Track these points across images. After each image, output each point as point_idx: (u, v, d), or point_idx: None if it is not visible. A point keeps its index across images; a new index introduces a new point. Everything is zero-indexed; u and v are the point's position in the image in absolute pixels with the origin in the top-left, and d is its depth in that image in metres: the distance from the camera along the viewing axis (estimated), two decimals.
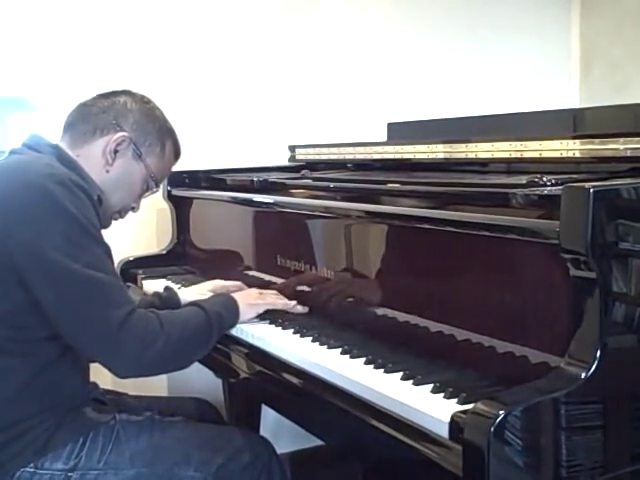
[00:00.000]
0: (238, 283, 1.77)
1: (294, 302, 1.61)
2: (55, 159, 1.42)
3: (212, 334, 1.45)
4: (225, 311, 1.50)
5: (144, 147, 1.52)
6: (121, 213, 1.58)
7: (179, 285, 1.96)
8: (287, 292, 1.67)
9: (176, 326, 1.38)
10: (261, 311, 1.58)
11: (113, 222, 1.58)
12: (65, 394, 1.39)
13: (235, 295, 1.59)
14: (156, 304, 1.65)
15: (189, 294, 1.73)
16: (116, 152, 1.49)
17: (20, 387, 1.34)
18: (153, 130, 1.54)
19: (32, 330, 1.34)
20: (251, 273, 1.88)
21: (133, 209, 1.61)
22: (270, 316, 1.58)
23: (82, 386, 1.47)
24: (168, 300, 1.69)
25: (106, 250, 1.36)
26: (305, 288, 1.65)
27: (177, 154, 1.63)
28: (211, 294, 1.68)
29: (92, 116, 1.50)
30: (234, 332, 1.55)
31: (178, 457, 1.42)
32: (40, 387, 1.36)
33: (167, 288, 1.76)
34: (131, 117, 1.51)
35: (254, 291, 1.65)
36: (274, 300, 1.61)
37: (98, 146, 1.48)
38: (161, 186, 2.17)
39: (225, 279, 1.86)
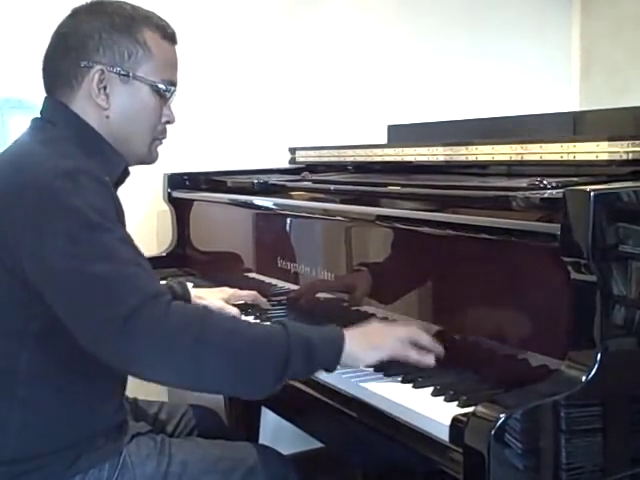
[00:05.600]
0: (253, 293, 1.70)
1: (428, 352, 1.22)
2: (75, 134, 1.26)
3: (290, 359, 1.13)
4: (320, 341, 1.17)
5: (126, 63, 1.27)
6: (159, 138, 1.36)
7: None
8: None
9: (222, 328, 1.13)
10: (385, 358, 1.21)
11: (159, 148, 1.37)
12: (94, 427, 1.27)
13: (349, 331, 1.21)
14: None
15: (201, 298, 1.64)
16: (104, 89, 1.26)
17: (51, 419, 1.23)
18: (120, 35, 1.27)
19: (61, 352, 1.20)
20: (251, 275, 1.88)
21: (168, 123, 1.36)
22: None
23: (111, 417, 1.32)
24: (182, 297, 1.59)
25: (118, 235, 1.14)
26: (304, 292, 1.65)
27: (167, 36, 1.34)
28: (220, 301, 1.62)
29: (58, 67, 1.29)
30: None
31: None
32: (68, 420, 1.24)
33: (180, 283, 1.67)
34: (90, 42, 1.26)
35: (378, 327, 1.28)
36: (405, 347, 1.21)
37: (83, 97, 1.27)
38: (161, 188, 2.23)
39: (225, 281, 1.85)
